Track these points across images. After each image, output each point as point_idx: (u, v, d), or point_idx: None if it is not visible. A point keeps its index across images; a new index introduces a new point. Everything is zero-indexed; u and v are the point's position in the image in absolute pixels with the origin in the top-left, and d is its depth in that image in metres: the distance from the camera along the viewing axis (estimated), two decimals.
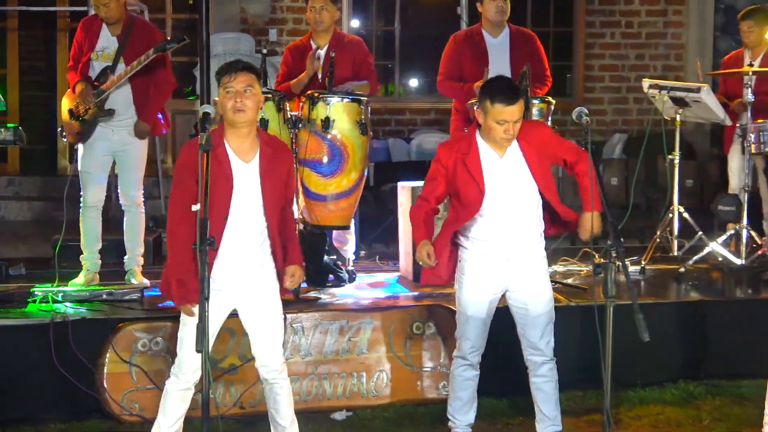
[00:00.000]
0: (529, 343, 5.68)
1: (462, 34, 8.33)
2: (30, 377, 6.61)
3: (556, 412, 5.74)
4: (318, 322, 6.80)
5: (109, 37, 7.62)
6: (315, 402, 6.72)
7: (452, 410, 5.91)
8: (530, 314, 5.64)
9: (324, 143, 7.37)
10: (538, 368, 5.68)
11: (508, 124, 5.40)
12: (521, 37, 8.11)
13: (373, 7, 13.16)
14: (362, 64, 8.03)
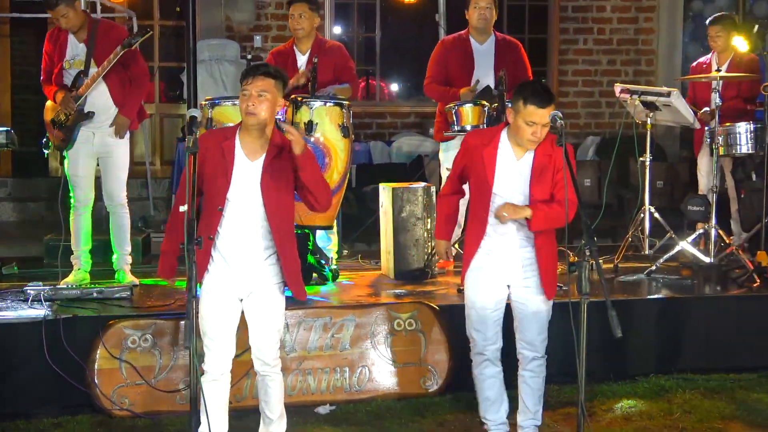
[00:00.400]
0: (523, 338, 5.66)
1: (450, 40, 8.34)
2: (23, 374, 6.58)
3: (538, 407, 5.73)
4: (302, 319, 6.78)
5: (76, 45, 7.59)
6: (299, 396, 6.70)
7: (482, 411, 5.82)
8: (529, 311, 5.62)
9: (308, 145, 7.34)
10: (528, 363, 5.66)
11: (536, 127, 5.36)
12: (506, 45, 8.14)
13: (355, 14, 13.16)
14: (343, 68, 8.03)
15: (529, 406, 5.72)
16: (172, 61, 12.79)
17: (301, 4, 7.98)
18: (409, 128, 12.74)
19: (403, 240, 7.90)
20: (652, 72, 13.23)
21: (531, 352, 5.66)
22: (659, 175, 10.84)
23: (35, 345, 6.51)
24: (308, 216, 7.44)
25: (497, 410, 5.80)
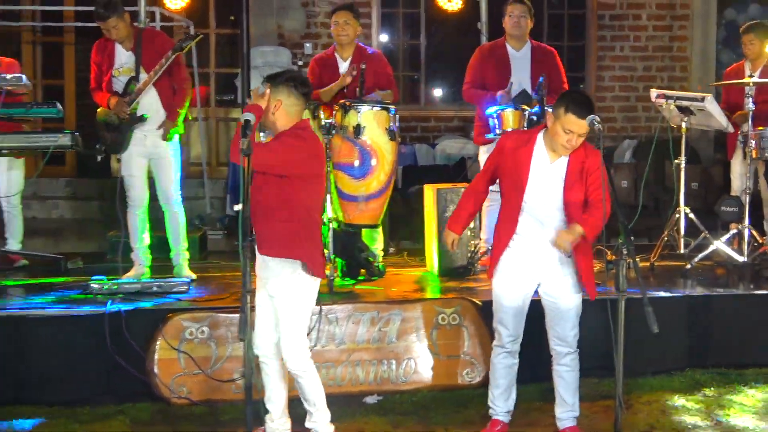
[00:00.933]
0: (556, 334, 5.65)
1: (487, 47, 8.31)
2: (87, 363, 6.64)
3: (574, 399, 5.72)
4: (351, 313, 6.80)
5: (124, 53, 7.65)
6: (348, 387, 6.71)
7: (492, 397, 5.87)
8: (560, 308, 5.60)
9: (355, 148, 7.36)
10: (562, 358, 5.65)
11: (572, 135, 5.33)
12: (542, 52, 8.09)
13: (400, 22, 13.16)
14: (382, 74, 8.02)
15: (566, 399, 5.71)
16: (226, 66, 12.85)
17: (346, 12, 7.99)
18: (453, 131, 12.72)
19: None
20: (686, 78, 13.13)
21: (564, 348, 5.65)
22: (694, 177, 10.74)
23: (98, 336, 6.56)
24: (356, 215, 7.48)
25: (506, 399, 5.85)
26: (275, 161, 5.34)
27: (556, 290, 5.60)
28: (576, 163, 5.48)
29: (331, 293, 7.14)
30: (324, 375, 6.62)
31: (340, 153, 7.40)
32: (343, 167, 7.41)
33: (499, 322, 5.74)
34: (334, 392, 6.59)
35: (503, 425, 5.87)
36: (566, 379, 5.68)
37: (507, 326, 5.70)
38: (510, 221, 5.58)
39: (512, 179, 5.55)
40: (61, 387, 6.59)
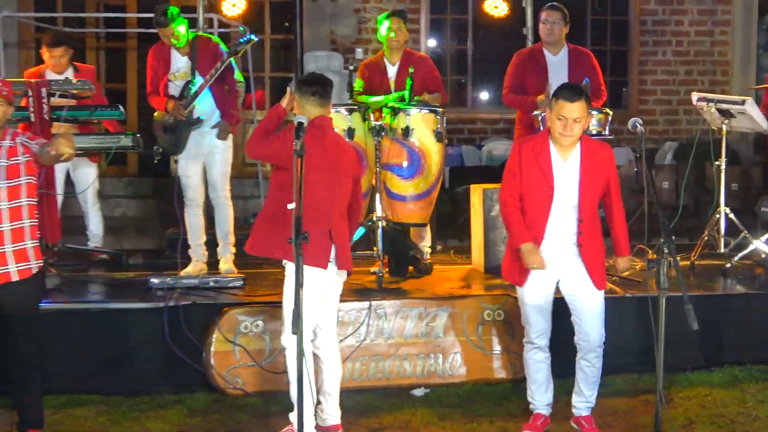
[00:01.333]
0: (579, 330, 5.63)
1: (525, 52, 8.25)
2: (146, 355, 6.71)
3: (592, 391, 5.72)
4: (399, 308, 6.80)
5: (180, 58, 7.70)
6: (396, 380, 6.72)
7: (531, 392, 5.87)
8: (582, 305, 5.58)
9: (404, 149, 7.37)
10: (585, 353, 5.63)
11: (566, 121, 5.35)
12: (579, 55, 8.01)
13: (448, 28, 13.13)
14: (430, 78, 8.01)
15: (584, 391, 5.71)
16: (281, 71, 12.88)
17: (399, 19, 8.01)
18: (498, 133, 12.68)
19: (492, 237, 7.87)
20: (727, 81, 12.99)
21: (587, 344, 5.62)
22: (734, 178, 10.61)
23: (158, 329, 6.63)
24: (405, 214, 7.48)
25: (544, 392, 5.84)
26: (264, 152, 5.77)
27: (575, 288, 5.59)
28: (587, 159, 5.49)
29: (380, 289, 7.15)
30: (373, 368, 6.65)
31: (389, 154, 7.41)
32: (392, 168, 7.42)
33: (525, 320, 5.77)
34: (382, 385, 6.63)
35: (545, 419, 5.86)
36: (587, 373, 5.68)
37: (532, 323, 5.72)
38: (539, 223, 5.54)
39: (538, 182, 5.51)
40: (122, 378, 6.65)
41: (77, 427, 6.02)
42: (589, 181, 5.47)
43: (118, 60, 12.72)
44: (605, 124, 7.41)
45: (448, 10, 13.05)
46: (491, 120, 12.93)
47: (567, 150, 5.50)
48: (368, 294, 6.94)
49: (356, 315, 6.70)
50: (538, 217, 5.53)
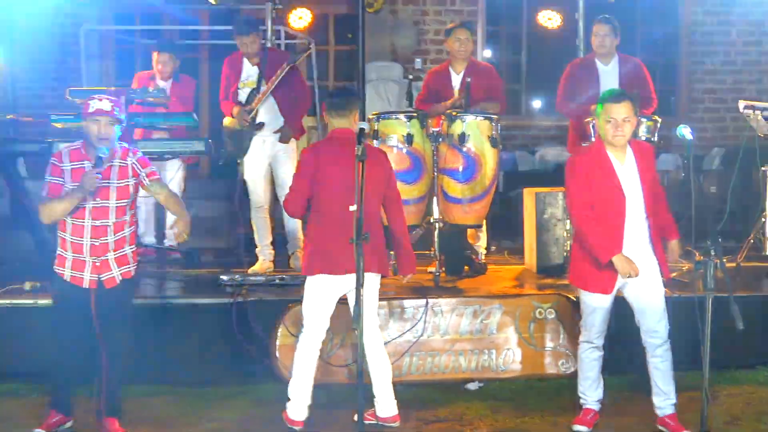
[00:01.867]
0: (646, 328, 5.56)
1: (577, 62, 8.20)
2: (216, 347, 6.78)
3: (670, 387, 5.63)
4: (455, 306, 6.78)
5: (250, 67, 7.81)
6: (451, 374, 6.70)
7: (582, 388, 5.82)
8: (646, 303, 5.52)
9: (460, 155, 7.36)
10: (654, 349, 5.56)
11: (615, 122, 5.33)
12: (629, 64, 7.93)
13: (504, 39, 13.07)
14: (492, 87, 7.98)
15: (662, 389, 5.62)
16: (344, 80, 12.90)
17: (466, 30, 8.00)
18: (551, 140, 12.58)
19: (544, 238, 7.83)
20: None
21: (656, 340, 5.56)
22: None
23: (227, 323, 6.68)
24: (461, 216, 7.47)
25: (596, 389, 5.80)
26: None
27: (642, 286, 5.51)
28: (640, 157, 5.47)
29: (436, 288, 7.14)
30: (429, 363, 6.64)
31: (446, 159, 7.40)
32: (449, 172, 7.41)
33: (586, 320, 5.70)
34: (437, 379, 6.62)
35: (594, 413, 5.81)
36: (661, 369, 5.60)
37: (594, 324, 5.65)
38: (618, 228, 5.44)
39: (609, 190, 5.44)
40: (193, 369, 6.72)
41: (150, 416, 6.08)
42: (647, 178, 5.45)
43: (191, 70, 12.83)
44: (654, 131, 7.36)
45: (504, 22, 13.00)
46: (544, 127, 12.84)
47: (621, 153, 5.46)
48: (425, 292, 6.93)
49: (414, 312, 6.69)
50: (616, 223, 5.45)
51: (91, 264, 5.56)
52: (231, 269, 7.72)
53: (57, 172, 5.54)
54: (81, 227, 5.53)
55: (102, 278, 5.59)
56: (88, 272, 5.57)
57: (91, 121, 5.51)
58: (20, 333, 6.74)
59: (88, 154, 5.56)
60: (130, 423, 5.81)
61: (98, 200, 5.51)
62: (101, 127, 5.50)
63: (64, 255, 5.60)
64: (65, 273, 5.59)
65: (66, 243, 5.58)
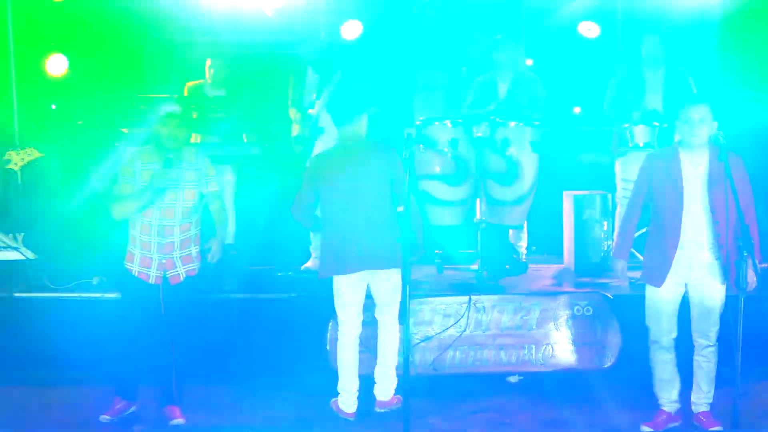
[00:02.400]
0: (698, 328, 5.46)
1: None
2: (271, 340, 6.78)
3: (710, 388, 5.53)
4: (496, 303, 6.74)
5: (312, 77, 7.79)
6: (493, 367, 6.66)
7: (656, 389, 5.68)
8: (705, 307, 5.41)
9: (503, 159, 7.32)
10: (702, 349, 5.47)
11: (692, 123, 5.28)
12: None
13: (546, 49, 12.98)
14: (536, 96, 7.93)
15: (702, 388, 5.53)
16: None
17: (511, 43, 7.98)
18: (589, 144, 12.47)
19: (582, 239, 7.78)
20: None
21: (705, 341, 5.46)
22: None
23: (282, 317, 6.76)
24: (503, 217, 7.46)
25: (669, 390, 5.64)
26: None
27: (703, 291, 5.41)
28: (715, 165, 5.30)
29: (479, 285, 7.11)
30: (471, 356, 6.62)
31: (489, 163, 7.36)
32: (492, 175, 7.38)
33: (653, 320, 5.57)
34: (480, 371, 6.60)
35: (668, 415, 5.66)
36: (704, 369, 5.50)
37: (658, 324, 5.53)
38: (673, 231, 5.38)
39: (671, 191, 5.37)
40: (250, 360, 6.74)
41: (209, 404, 6.13)
42: (718, 186, 5.26)
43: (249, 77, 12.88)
44: None
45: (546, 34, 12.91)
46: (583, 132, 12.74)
47: (698, 157, 5.36)
48: (468, 289, 6.90)
49: (457, 308, 6.66)
50: (672, 224, 5.37)
51: (158, 261, 5.62)
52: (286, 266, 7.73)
53: (128, 173, 5.60)
54: (149, 226, 5.59)
55: (168, 275, 5.64)
56: (154, 269, 5.62)
57: (162, 124, 5.57)
58: (88, 325, 6.82)
59: (157, 157, 5.61)
60: (189, 410, 5.86)
61: (166, 201, 5.57)
62: (171, 129, 5.56)
63: (132, 252, 5.66)
64: (134, 268, 5.65)
65: (135, 241, 5.64)
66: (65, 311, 6.90)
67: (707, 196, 5.31)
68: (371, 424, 5.84)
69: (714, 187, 5.29)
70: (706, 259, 5.37)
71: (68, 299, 6.94)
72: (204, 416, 5.91)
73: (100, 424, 5.76)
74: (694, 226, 5.35)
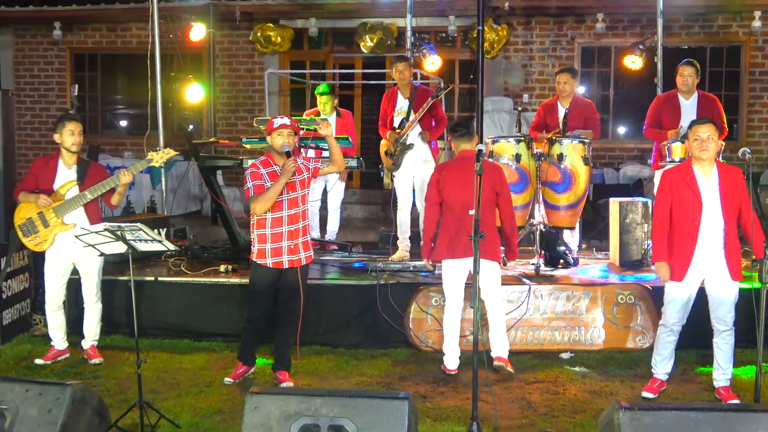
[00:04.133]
0: (716, 315, 5.36)
1: (663, 96, 7.92)
2: (363, 319, 6.83)
3: (729, 365, 5.41)
4: (552, 291, 6.67)
5: (403, 100, 7.83)
6: (548, 345, 6.59)
7: (654, 362, 5.64)
8: (721, 297, 5.30)
9: (559, 170, 7.24)
10: (720, 333, 5.37)
11: (700, 140, 5.19)
12: (706, 100, 7.61)
13: (595, 78, 12.80)
14: (590, 119, 7.83)
15: (722, 365, 5.41)
16: (466, 111, 12.89)
17: (568, 74, 7.87)
18: (632, 159, 12.27)
19: (625, 239, 7.61)
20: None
21: (722, 326, 5.35)
22: None
23: (372, 300, 6.74)
24: (558, 219, 7.37)
25: (665, 364, 5.60)
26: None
27: (719, 286, 5.31)
28: (724, 176, 5.23)
29: (537, 276, 7.04)
30: (530, 336, 6.57)
31: (547, 174, 7.30)
32: (550, 184, 7.31)
33: (668, 310, 5.49)
34: (536, 349, 6.54)
35: (661, 382, 5.63)
36: (723, 350, 5.39)
37: (674, 314, 5.45)
38: (692, 231, 5.27)
39: (689, 199, 5.26)
40: (345, 335, 6.81)
41: (313, 370, 6.20)
42: (728, 193, 5.21)
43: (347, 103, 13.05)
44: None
45: (595, 64, 12.73)
46: (626, 149, 12.54)
47: (707, 169, 5.26)
48: (529, 280, 6.84)
49: (519, 295, 6.62)
50: (690, 227, 5.28)
51: (287, 247, 5.64)
52: (376, 258, 7.76)
53: (258, 177, 5.61)
54: (280, 218, 5.63)
55: (293, 258, 5.67)
56: (285, 255, 5.64)
57: (277, 134, 5.64)
58: (216, 303, 6.98)
59: (274, 162, 5.68)
60: (296, 374, 5.93)
61: (290, 192, 5.63)
62: (285, 137, 5.62)
63: (263, 248, 5.65)
64: (267, 262, 5.65)
65: (266, 237, 5.64)
66: (199, 292, 7.05)
67: (719, 203, 5.20)
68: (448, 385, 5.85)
69: (725, 195, 5.19)
70: (719, 257, 5.25)
71: (201, 283, 7.08)
72: (309, 380, 5.97)
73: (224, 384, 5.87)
74: (709, 229, 5.24)
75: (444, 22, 12.44)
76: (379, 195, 12.04)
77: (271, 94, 12.70)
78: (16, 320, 6.97)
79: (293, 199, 5.63)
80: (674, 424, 3.65)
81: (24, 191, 6.19)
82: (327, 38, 13.16)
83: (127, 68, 13.58)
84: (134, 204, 11.89)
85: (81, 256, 6.15)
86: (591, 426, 4.99)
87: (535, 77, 12.54)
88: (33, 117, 13.81)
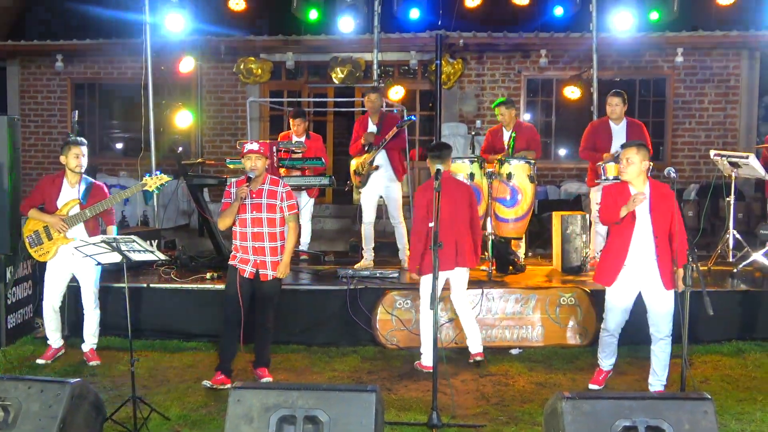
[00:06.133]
0: (653, 323, 5.24)
1: (596, 122, 8.01)
2: (335, 320, 6.78)
3: (664, 372, 5.31)
4: (502, 294, 6.69)
5: (372, 125, 7.81)
6: (499, 342, 6.61)
7: (600, 357, 5.59)
8: (657, 308, 5.20)
9: (507, 188, 7.29)
10: (657, 341, 5.26)
11: (624, 161, 5.21)
12: (634, 126, 7.70)
13: (539, 107, 12.92)
14: (532, 140, 7.88)
15: (657, 372, 5.31)
16: (426, 135, 12.94)
17: (503, 106, 7.91)
18: (572, 177, 12.38)
19: (567, 247, 7.68)
20: (735, 143, 12.33)
21: (659, 335, 5.24)
22: (740, 210, 10.05)
23: (342, 304, 6.70)
24: (507, 231, 7.41)
25: (609, 359, 5.56)
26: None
27: (654, 296, 5.21)
28: (654, 193, 5.21)
29: (489, 281, 7.05)
30: (483, 334, 6.55)
31: (497, 191, 7.33)
32: (499, 200, 7.35)
33: (608, 317, 5.43)
34: (490, 345, 6.53)
35: (606, 373, 5.62)
36: (659, 357, 5.28)
37: (613, 321, 5.40)
38: (623, 248, 5.23)
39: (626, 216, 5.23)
40: (319, 335, 6.75)
41: (290, 366, 6.14)
42: (658, 209, 5.16)
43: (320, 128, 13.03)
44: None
45: (539, 94, 12.86)
46: (567, 168, 12.66)
47: (640, 187, 5.23)
48: (482, 284, 6.86)
49: (473, 298, 6.62)
50: (624, 240, 5.23)
51: (253, 261, 5.63)
52: (345, 266, 7.73)
53: (228, 195, 5.63)
54: (245, 233, 5.61)
55: (260, 272, 5.65)
56: (249, 266, 5.64)
57: (246, 158, 5.61)
58: (203, 307, 6.89)
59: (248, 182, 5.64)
60: (275, 371, 5.88)
61: (254, 213, 5.58)
62: (252, 161, 5.59)
63: (235, 254, 5.68)
64: (237, 265, 5.65)
65: (237, 247, 5.66)
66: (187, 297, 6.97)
67: (649, 218, 5.19)
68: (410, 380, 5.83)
69: (655, 210, 5.18)
70: (652, 269, 5.18)
71: (189, 289, 6.99)
72: (286, 375, 5.92)
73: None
74: (640, 241, 5.21)
75: (406, 56, 12.53)
76: (350, 209, 12.02)
77: (252, 119, 12.66)
78: (20, 324, 6.84)
79: (257, 219, 5.58)
80: (611, 412, 3.67)
81: (34, 207, 6.13)
82: (303, 70, 13.15)
83: (123, 96, 13.43)
84: (128, 218, 11.76)
85: (79, 266, 6.06)
86: (538, 414, 5.00)
87: (486, 105, 12.63)
88: (36, 140, 13.61)
